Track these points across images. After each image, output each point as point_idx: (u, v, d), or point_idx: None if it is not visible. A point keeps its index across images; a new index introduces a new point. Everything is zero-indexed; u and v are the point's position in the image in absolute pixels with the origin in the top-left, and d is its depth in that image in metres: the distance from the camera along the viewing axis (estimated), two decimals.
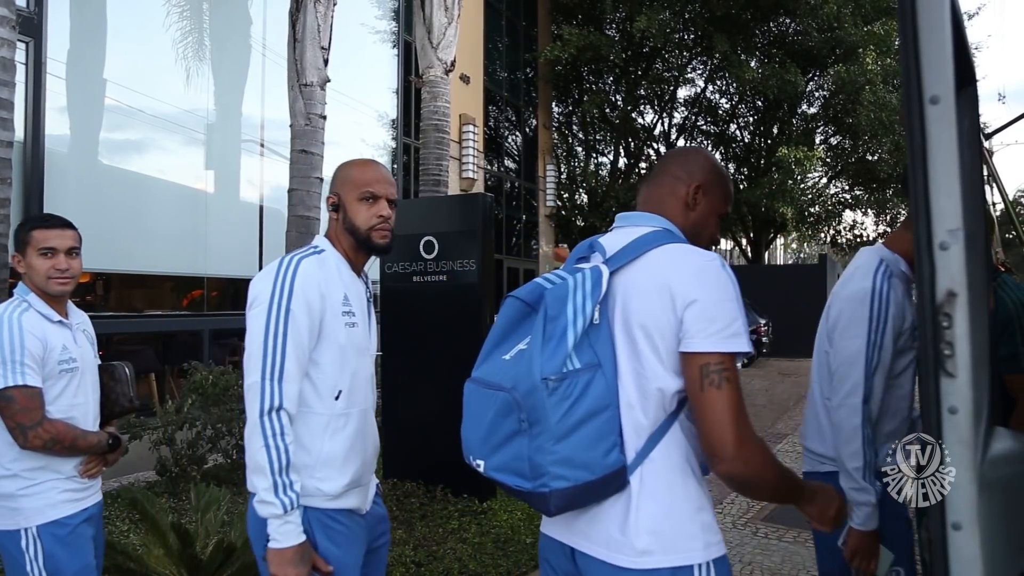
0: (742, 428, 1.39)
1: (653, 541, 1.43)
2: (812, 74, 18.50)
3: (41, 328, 2.20)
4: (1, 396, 2.09)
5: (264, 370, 1.73)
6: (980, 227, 1.07)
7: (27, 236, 2.26)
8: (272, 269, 1.82)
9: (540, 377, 1.38)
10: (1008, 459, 1.12)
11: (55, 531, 2.17)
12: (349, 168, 2.00)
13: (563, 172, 19.59)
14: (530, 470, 1.40)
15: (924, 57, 0.94)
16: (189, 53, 7.94)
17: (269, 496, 1.70)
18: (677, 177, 1.67)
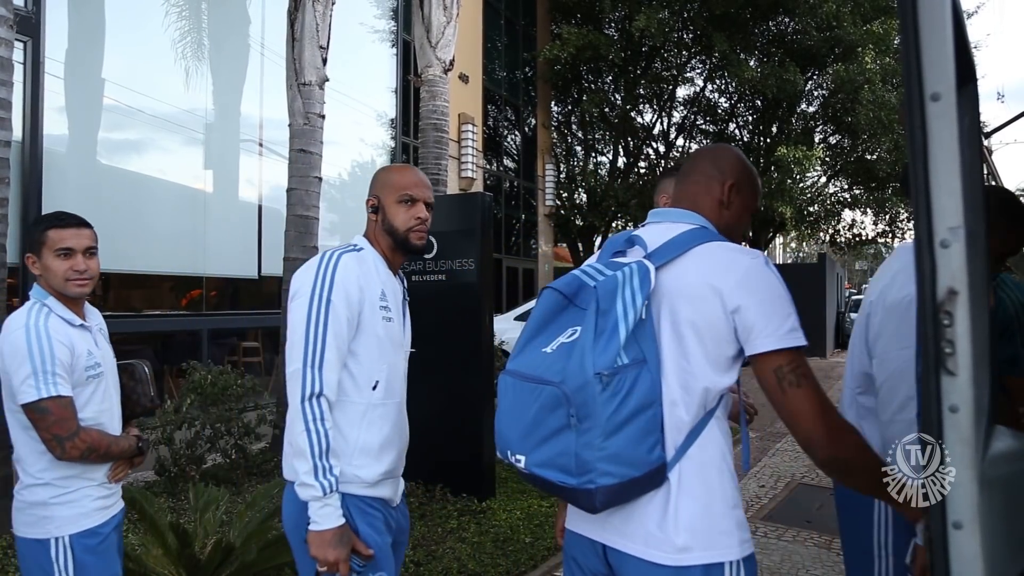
0: (831, 416, 1.42)
1: (692, 538, 1.45)
2: (811, 73, 18.50)
3: (66, 334, 2.13)
4: (35, 408, 2.04)
5: (305, 358, 1.80)
6: (981, 225, 1.06)
7: (42, 236, 2.18)
8: (313, 264, 1.91)
9: (593, 372, 1.38)
10: (1009, 457, 1.12)
11: (87, 541, 2.13)
12: (388, 172, 2.10)
13: (562, 171, 19.60)
14: (576, 466, 1.40)
15: (925, 54, 0.93)
16: (187, 52, 7.93)
17: (309, 479, 1.75)
18: (711, 176, 1.69)
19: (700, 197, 1.68)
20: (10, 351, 2.05)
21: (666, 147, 21.04)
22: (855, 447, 1.43)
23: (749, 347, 1.46)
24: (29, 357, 2.03)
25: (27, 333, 2.05)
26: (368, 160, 11.71)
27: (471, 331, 5.12)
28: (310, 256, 6.53)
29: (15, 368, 2.04)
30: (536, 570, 4.13)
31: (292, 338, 1.84)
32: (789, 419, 1.44)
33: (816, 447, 1.42)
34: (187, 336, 7.70)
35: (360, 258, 1.96)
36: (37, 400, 2.02)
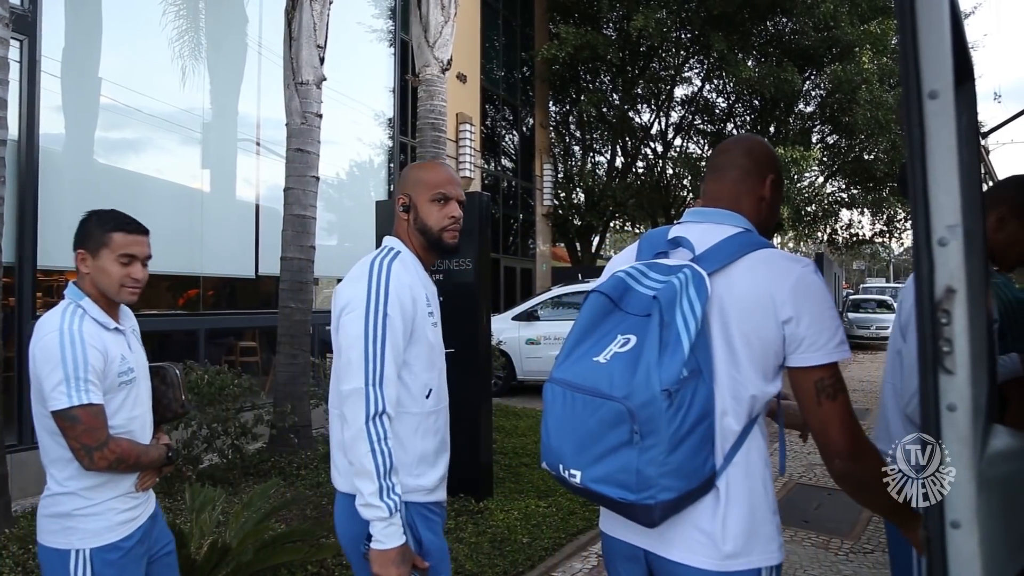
0: (857, 431, 1.43)
1: (738, 544, 1.45)
2: (809, 73, 18.51)
3: (100, 339, 2.06)
4: (65, 416, 1.97)
5: (367, 375, 1.75)
6: (978, 224, 1.06)
7: (106, 237, 2.10)
8: (363, 273, 1.85)
9: (660, 388, 1.34)
10: (1006, 456, 1.11)
11: (108, 555, 2.07)
12: (420, 170, 2.05)
13: (560, 171, 19.59)
14: (637, 483, 1.37)
15: (923, 51, 0.93)
16: (185, 51, 7.92)
17: (375, 500, 1.72)
18: (749, 171, 1.65)
19: (742, 196, 1.65)
20: (42, 355, 1.98)
21: (664, 147, 21.04)
22: (873, 466, 1.42)
23: (796, 359, 1.46)
24: (62, 363, 1.96)
25: (61, 337, 1.98)
26: (365, 160, 11.70)
27: (468, 331, 5.11)
28: (307, 256, 6.54)
29: (47, 373, 1.97)
30: (533, 571, 4.13)
31: (349, 354, 1.78)
32: (819, 427, 1.45)
33: (839, 458, 1.43)
34: (184, 336, 7.68)
35: (403, 262, 1.92)
36: (68, 408, 1.96)
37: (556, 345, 10.80)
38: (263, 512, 3.62)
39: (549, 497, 5.27)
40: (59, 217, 6.25)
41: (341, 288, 1.88)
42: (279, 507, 3.84)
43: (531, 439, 7.22)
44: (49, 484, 2.11)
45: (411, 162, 11.95)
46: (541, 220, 17.88)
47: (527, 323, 11.31)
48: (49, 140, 6.33)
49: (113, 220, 2.14)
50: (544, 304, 11.64)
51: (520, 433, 7.52)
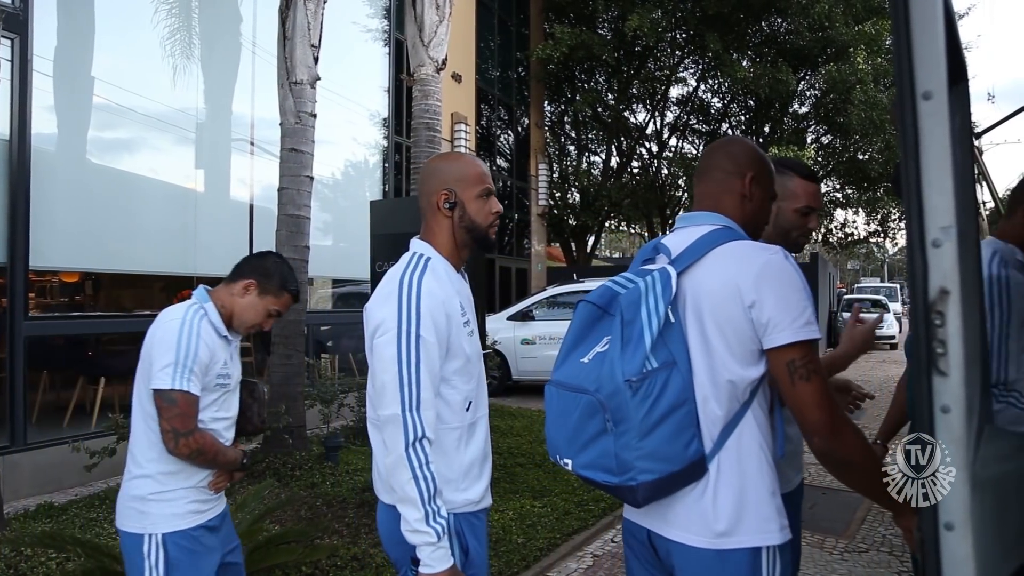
0: (834, 410, 1.48)
1: (731, 523, 1.52)
2: (803, 73, 18.55)
3: (212, 340, 2.22)
4: (166, 395, 2.11)
5: (403, 402, 1.72)
6: (972, 225, 1.06)
7: (279, 293, 2.36)
8: (392, 292, 1.79)
9: (623, 379, 1.46)
10: (999, 458, 1.11)
11: (180, 540, 2.16)
12: (461, 163, 1.97)
13: (555, 171, 19.59)
14: (617, 466, 1.49)
15: (917, 52, 0.93)
16: (178, 51, 7.89)
17: (421, 526, 1.70)
18: (729, 172, 1.73)
19: (721, 196, 1.73)
20: (161, 337, 2.16)
21: (659, 147, 21.05)
22: (855, 446, 1.49)
23: (766, 341, 1.51)
24: (176, 348, 2.12)
25: (181, 326, 2.16)
26: (360, 159, 11.67)
27: None
28: (302, 256, 6.52)
29: (160, 353, 2.13)
30: (528, 571, 4.12)
31: (384, 378, 1.74)
32: (795, 409, 1.51)
33: (817, 437, 1.49)
34: None
35: (435, 273, 1.85)
36: (170, 389, 2.10)
37: (551, 345, 10.79)
38: (257, 513, 3.61)
39: (544, 497, 5.26)
40: (51, 217, 6.22)
41: (372, 308, 1.83)
42: (273, 508, 3.83)
43: (526, 439, 7.21)
44: (129, 467, 2.22)
45: (406, 162, 11.95)
46: (536, 220, 17.87)
47: (522, 323, 11.31)
48: (41, 140, 6.30)
49: (293, 285, 2.41)
50: (539, 304, 11.64)
51: (515, 433, 7.51)
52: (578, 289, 11.52)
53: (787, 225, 2.19)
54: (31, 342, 6.03)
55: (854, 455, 1.49)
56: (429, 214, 1.96)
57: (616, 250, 50.44)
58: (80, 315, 6.80)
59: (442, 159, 2.02)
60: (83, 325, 6.75)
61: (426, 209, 1.97)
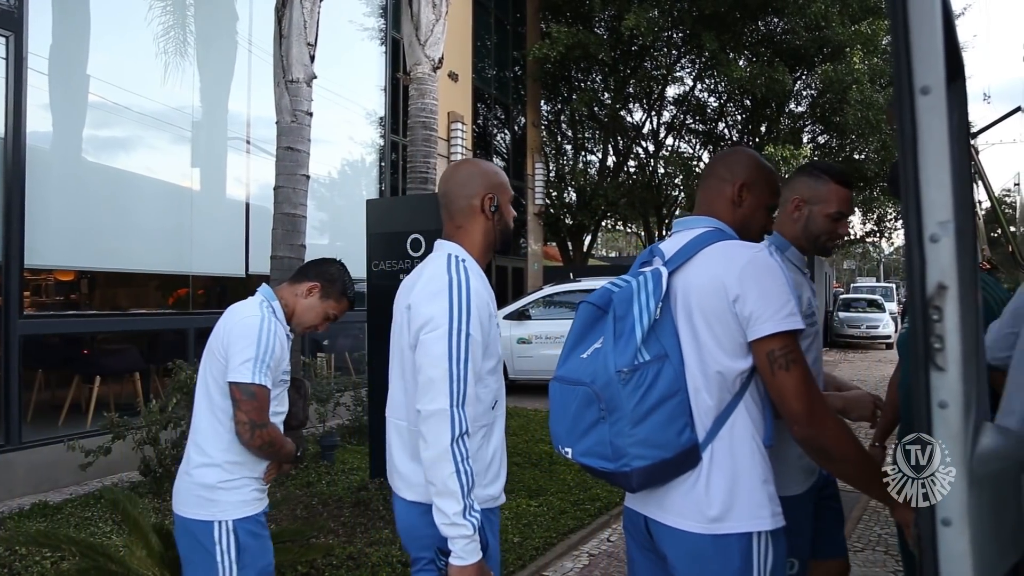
0: (814, 399, 1.56)
1: (723, 509, 1.59)
2: (800, 73, 18.58)
3: (282, 338, 2.33)
4: (245, 389, 2.19)
5: (452, 397, 1.77)
6: (970, 220, 1.06)
7: (340, 299, 2.47)
8: (442, 290, 1.83)
9: (615, 370, 1.57)
10: (996, 454, 1.11)
11: (248, 526, 2.26)
12: (497, 171, 2.08)
13: (552, 170, 19.58)
14: (612, 452, 1.58)
15: (915, 47, 0.92)
16: (174, 49, 7.87)
17: (459, 520, 1.75)
18: (722, 178, 1.84)
19: (713, 200, 1.84)
20: (240, 331, 2.23)
21: (655, 146, 21.07)
22: (835, 435, 1.56)
23: (750, 333, 1.58)
24: (257, 343, 2.20)
25: (261, 322, 2.25)
26: (356, 158, 11.66)
27: None
28: (298, 254, 6.50)
29: (240, 348, 2.20)
30: (524, 570, 4.12)
31: (432, 373, 1.79)
32: (776, 399, 1.59)
33: (796, 425, 1.57)
34: (173, 335, 7.64)
35: (475, 273, 1.90)
36: (249, 383, 2.18)
37: (547, 344, 10.79)
38: None
39: (540, 496, 5.26)
40: (47, 216, 6.19)
41: (419, 304, 1.86)
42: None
43: (522, 438, 7.21)
44: (192, 457, 2.29)
45: (403, 161, 11.93)
46: (532, 219, 17.87)
47: (518, 322, 11.30)
48: (36, 138, 6.28)
49: (352, 292, 2.50)
50: (535, 303, 11.63)
51: (512, 432, 7.51)
52: (574, 288, 11.52)
53: (817, 230, 2.22)
54: (26, 341, 6.01)
55: (833, 444, 1.56)
56: (464, 216, 2.00)
57: (612, 249, 50.46)
58: (75, 314, 6.78)
59: (476, 165, 2.08)
60: (78, 324, 6.73)
61: (463, 211, 1.99)
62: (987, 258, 3.74)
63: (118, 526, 4.55)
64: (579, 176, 19.81)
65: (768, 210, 1.89)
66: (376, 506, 4.84)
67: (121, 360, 7.30)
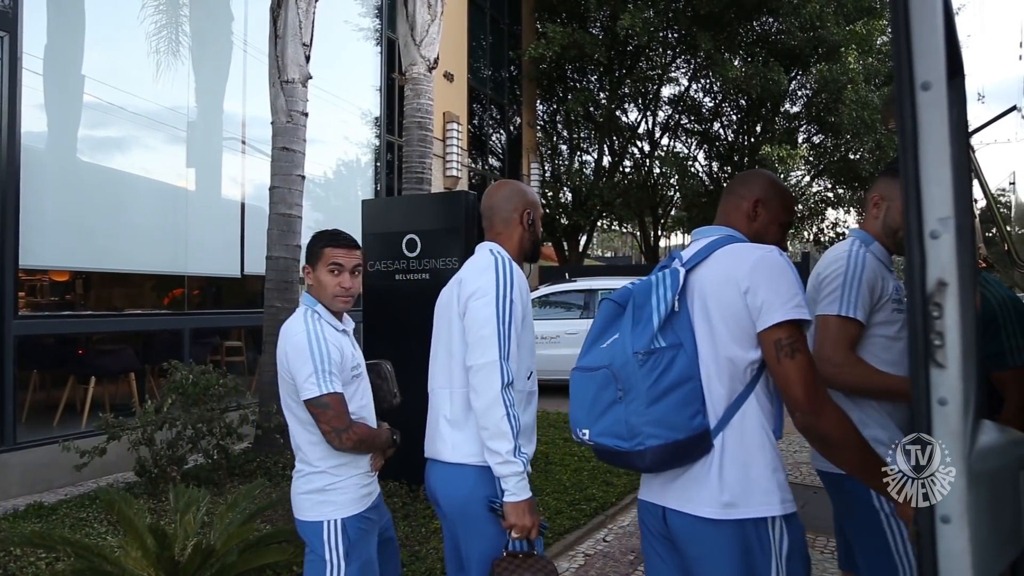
0: (816, 387, 1.65)
1: (736, 496, 1.69)
2: (795, 73, 18.58)
3: (336, 339, 2.42)
4: (317, 403, 2.30)
5: (499, 351, 2.05)
6: (969, 217, 1.06)
7: (319, 251, 2.48)
8: (488, 265, 2.17)
9: (632, 352, 1.70)
10: (995, 451, 1.11)
11: (356, 523, 2.42)
12: (533, 192, 2.41)
13: (547, 170, 19.57)
14: (627, 431, 1.69)
15: (916, 43, 0.92)
16: (169, 49, 7.85)
17: (511, 457, 2.01)
18: (740, 196, 2.01)
19: (730, 213, 2.01)
20: (294, 352, 2.34)
21: (651, 146, 21.08)
22: (835, 423, 1.65)
23: (759, 324, 1.69)
24: (311, 358, 2.30)
25: (308, 336, 2.34)
26: (352, 158, 11.64)
27: None
28: (293, 255, 6.49)
29: (299, 367, 2.32)
30: None
31: (482, 332, 2.08)
32: (780, 386, 1.69)
33: (797, 412, 1.66)
34: (169, 335, 7.61)
35: (514, 264, 2.24)
36: (319, 396, 2.30)
37: (544, 344, 10.78)
38: (248, 513, 3.59)
39: (536, 496, 5.25)
40: (41, 216, 6.17)
41: (467, 277, 2.19)
42: (264, 508, 3.81)
43: None
44: (299, 466, 2.47)
45: (398, 161, 11.91)
46: None
47: None
48: (31, 138, 6.25)
49: (325, 237, 2.52)
50: (531, 303, 11.61)
51: None
52: (570, 288, 11.51)
53: (894, 224, 2.38)
54: (21, 341, 5.99)
55: (833, 432, 1.65)
56: (505, 224, 2.34)
57: (608, 249, 50.47)
58: (70, 314, 6.75)
59: (516, 185, 2.42)
60: (73, 324, 6.71)
61: (504, 220, 2.33)
62: (983, 257, 3.75)
63: (113, 527, 4.54)
64: (575, 176, 19.81)
65: (781, 226, 2.03)
66: None
67: (116, 360, 7.28)
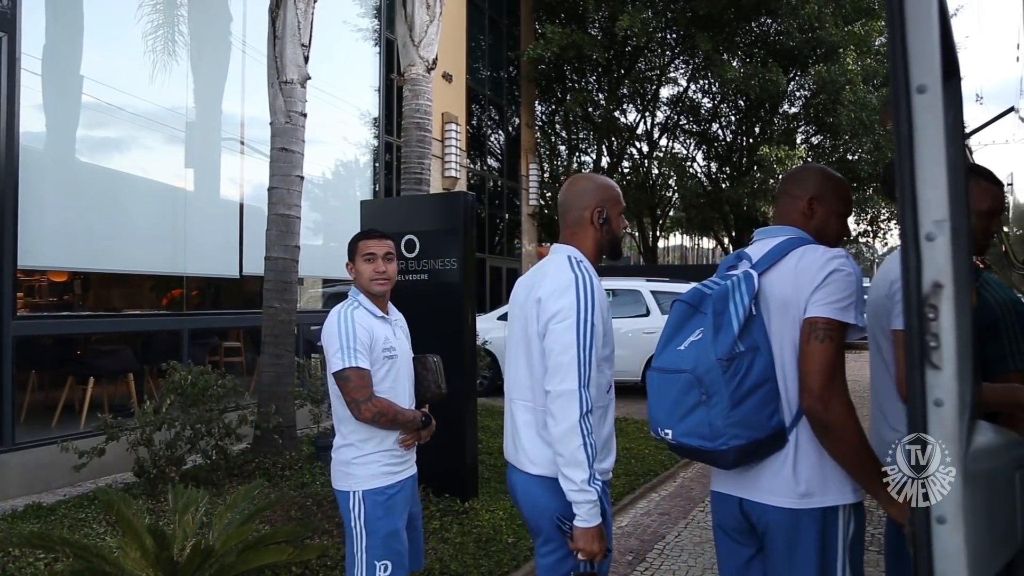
0: (832, 378, 1.74)
1: (810, 486, 1.81)
2: (793, 74, 18.62)
3: (368, 322, 2.73)
4: (340, 375, 2.63)
5: (580, 379, 2.03)
6: (965, 219, 1.06)
7: (355, 246, 2.86)
8: (569, 284, 2.10)
9: (715, 359, 1.78)
10: (991, 452, 1.11)
11: (375, 497, 2.68)
12: (611, 187, 2.34)
13: (546, 171, 19.59)
14: (711, 432, 1.79)
15: (911, 46, 0.93)
16: (168, 50, 7.85)
17: (586, 487, 2.02)
18: (794, 195, 2.07)
19: (789, 213, 2.06)
20: (326, 333, 2.71)
21: (649, 147, 21.10)
22: (839, 416, 1.73)
23: (806, 313, 1.80)
24: (338, 336, 2.65)
25: (338, 319, 2.70)
26: (351, 159, 11.64)
27: (454, 331, 5.09)
28: (292, 255, 6.49)
29: (328, 345, 2.68)
30: (518, 571, 4.12)
31: (562, 359, 2.04)
32: (800, 367, 1.79)
33: (808, 395, 1.76)
34: (167, 336, 7.61)
35: (593, 273, 2.18)
36: (342, 369, 2.62)
37: None
38: (247, 513, 3.59)
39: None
40: (40, 216, 6.17)
41: (548, 298, 2.12)
42: (263, 508, 3.81)
43: None
44: (336, 439, 2.78)
45: (397, 161, 11.92)
46: (527, 220, 17.87)
47: None
48: (30, 138, 6.25)
49: (359, 234, 2.93)
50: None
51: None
52: None
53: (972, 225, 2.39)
54: (19, 342, 5.98)
55: (834, 424, 1.73)
56: (577, 224, 2.29)
57: None
58: (68, 314, 6.75)
59: (591, 179, 2.35)
60: (71, 325, 6.70)
61: (576, 220, 2.28)
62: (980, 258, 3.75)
63: (112, 527, 4.54)
64: None
65: (840, 217, 2.07)
66: None
67: (115, 361, 7.27)
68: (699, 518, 5.06)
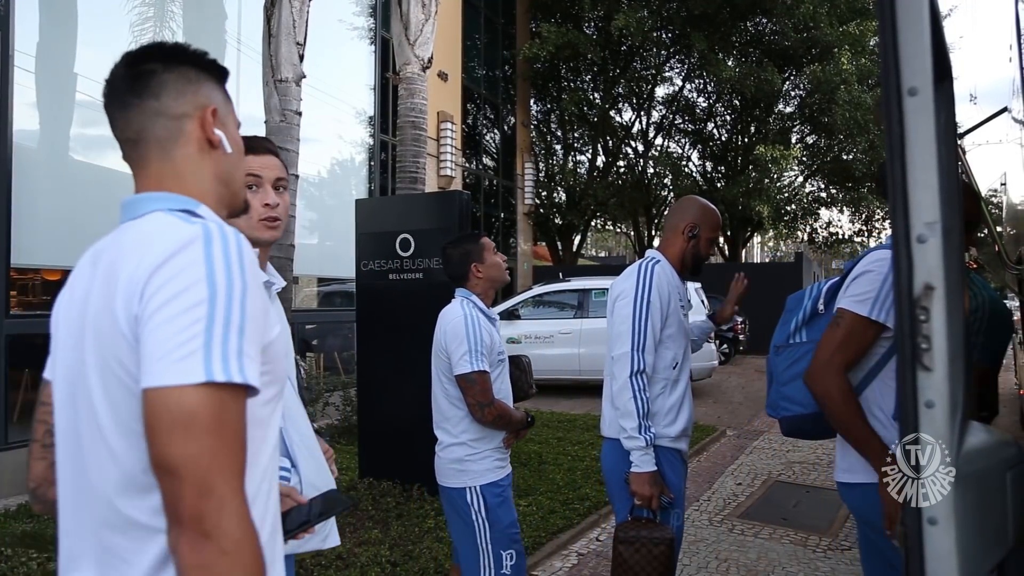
0: (831, 356, 1.91)
1: (851, 464, 2.02)
2: (788, 73, 18.64)
3: (487, 325, 2.80)
4: (467, 378, 2.68)
5: (632, 343, 2.46)
6: (956, 221, 1.07)
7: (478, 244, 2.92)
8: (633, 272, 2.60)
9: (773, 345, 2.19)
10: (982, 453, 1.12)
11: (492, 490, 2.77)
12: (710, 210, 2.72)
13: (541, 170, 19.58)
14: (770, 404, 2.19)
15: (903, 49, 0.93)
16: None
17: (636, 433, 2.41)
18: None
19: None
20: (452, 332, 2.73)
21: (645, 146, 21.11)
22: (825, 389, 1.90)
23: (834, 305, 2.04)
24: (467, 339, 2.69)
25: (465, 320, 2.74)
26: (346, 157, 11.62)
27: None
28: (287, 254, 6.47)
29: (455, 346, 2.70)
30: None
31: (620, 328, 2.51)
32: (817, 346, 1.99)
33: (807, 369, 1.96)
34: None
35: (662, 268, 2.62)
36: (470, 372, 2.67)
37: (538, 344, 10.77)
38: None
39: (529, 496, 5.26)
40: (33, 214, 6.14)
41: (617, 284, 2.63)
42: None
43: None
44: (441, 439, 2.84)
45: (392, 160, 11.91)
46: (522, 219, 17.87)
47: (508, 322, 11.28)
48: (23, 136, 6.23)
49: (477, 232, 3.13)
50: (525, 303, 11.61)
51: None
52: (564, 288, 11.51)
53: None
54: (12, 340, 5.96)
55: (822, 394, 1.91)
56: (671, 233, 2.71)
57: (602, 249, 50.47)
58: None
59: (696, 201, 2.75)
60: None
61: (671, 228, 2.71)
62: (974, 258, 3.77)
63: None
64: (569, 176, 19.82)
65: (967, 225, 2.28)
66: (365, 506, 4.83)
67: None
68: (693, 516, 5.07)
